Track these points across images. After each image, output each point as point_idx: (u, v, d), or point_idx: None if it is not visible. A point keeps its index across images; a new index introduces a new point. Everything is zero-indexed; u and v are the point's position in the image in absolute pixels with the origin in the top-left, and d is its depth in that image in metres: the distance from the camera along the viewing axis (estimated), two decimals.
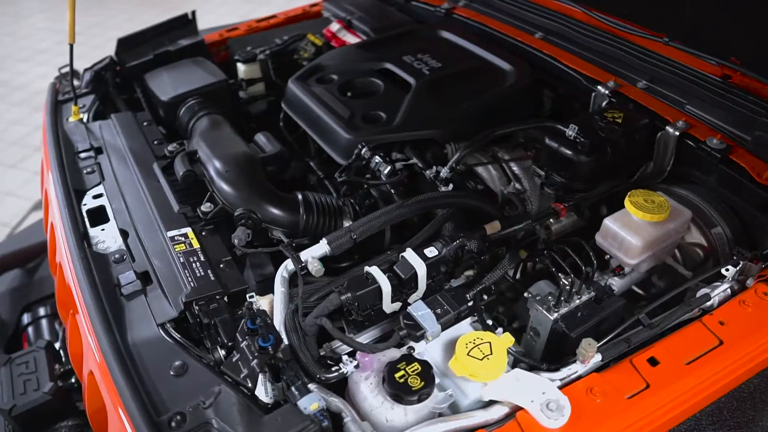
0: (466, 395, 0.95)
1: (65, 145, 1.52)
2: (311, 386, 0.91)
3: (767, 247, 1.19)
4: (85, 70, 1.80)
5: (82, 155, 1.49)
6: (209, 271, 1.11)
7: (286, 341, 0.95)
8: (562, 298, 1.12)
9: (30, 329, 1.78)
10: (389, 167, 1.32)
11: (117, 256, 1.16)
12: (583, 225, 1.42)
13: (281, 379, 0.91)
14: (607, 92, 1.51)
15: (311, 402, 0.85)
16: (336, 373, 0.92)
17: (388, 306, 1.05)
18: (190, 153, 1.39)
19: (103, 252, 1.17)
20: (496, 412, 0.93)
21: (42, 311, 1.81)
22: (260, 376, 0.89)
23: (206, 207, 1.25)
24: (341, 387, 0.96)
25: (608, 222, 1.24)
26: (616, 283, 1.27)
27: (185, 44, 1.99)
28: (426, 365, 0.91)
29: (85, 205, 1.32)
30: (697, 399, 0.94)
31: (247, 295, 1.09)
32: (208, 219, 1.24)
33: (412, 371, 0.90)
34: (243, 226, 1.21)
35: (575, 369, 0.97)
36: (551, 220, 1.34)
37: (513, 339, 0.97)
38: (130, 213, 1.29)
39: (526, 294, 1.17)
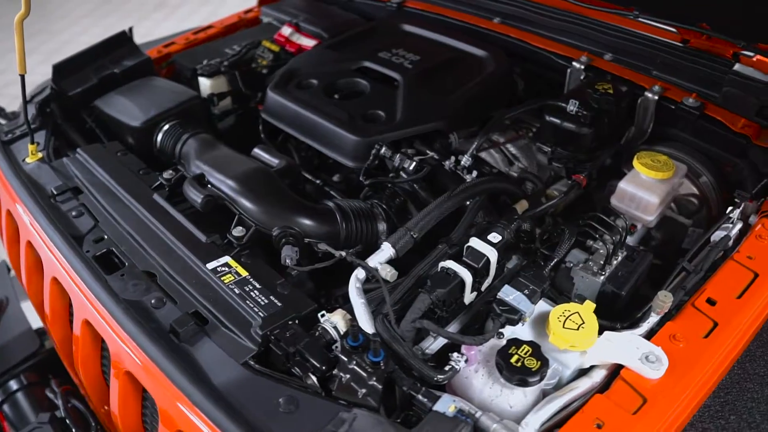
0: (568, 366, 0.99)
1: (33, 190, 1.34)
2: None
3: (754, 186, 1.35)
4: (26, 102, 1.59)
5: (60, 198, 1.31)
6: (271, 297, 1.04)
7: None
8: (601, 262, 1.20)
9: (5, 407, 1.55)
10: (414, 163, 1.32)
11: (154, 301, 1.05)
12: (581, 194, 1.52)
13: (396, 390, 0.89)
14: (582, 67, 1.62)
15: (447, 405, 0.84)
16: (450, 372, 0.92)
17: (468, 297, 1.05)
18: (197, 177, 1.28)
19: (137, 299, 1.05)
20: (598, 376, 0.98)
21: (15, 384, 1.58)
22: None
23: (238, 231, 1.17)
24: None
25: (623, 185, 1.34)
26: (629, 241, 1.37)
27: (131, 64, 1.81)
28: (535, 345, 0.93)
29: (88, 252, 1.17)
30: (756, 326, 1.06)
31: (319, 315, 1.05)
32: (244, 243, 1.16)
33: (525, 353, 0.92)
34: (288, 244, 1.14)
35: (652, 321, 1.04)
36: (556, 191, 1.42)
37: (594, 305, 1.02)
38: (148, 252, 1.17)
39: (567, 264, 1.23)
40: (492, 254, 1.07)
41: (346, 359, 0.90)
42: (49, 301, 1.21)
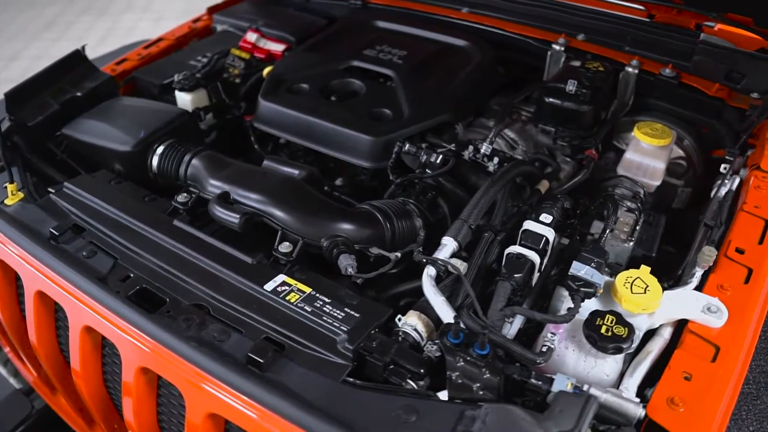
0: (639, 329, 1.04)
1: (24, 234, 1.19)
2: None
3: (733, 143, 1.49)
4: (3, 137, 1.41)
5: (62, 239, 1.18)
6: (346, 309, 1.00)
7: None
8: (626, 229, 1.28)
9: None
10: (440, 156, 1.32)
11: (216, 334, 0.97)
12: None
13: (500, 377, 0.89)
14: (562, 49, 1.70)
15: (564, 383, 0.86)
16: (548, 353, 0.94)
17: (535, 279, 1.08)
18: (223, 197, 1.20)
19: (196, 336, 0.97)
20: (667, 333, 1.04)
21: None
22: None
23: (285, 247, 1.11)
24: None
25: (629, 156, 1.43)
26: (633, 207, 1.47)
27: (94, 85, 1.66)
28: (616, 313, 0.98)
29: (118, 293, 1.07)
30: None
31: (396, 319, 1.03)
32: (294, 259, 1.10)
33: (611, 323, 0.96)
34: (343, 253, 1.11)
35: (698, 276, 1.12)
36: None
37: (649, 268, 1.09)
38: (189, 283, 1.08)
39: (593, 235, 1.30)
40: (550, 234, 1.10)
41: (452, 358, 0.89)
42: (79, 354, 1.08)
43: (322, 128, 1.44)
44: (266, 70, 1.79)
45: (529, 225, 1.11)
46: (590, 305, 1.07)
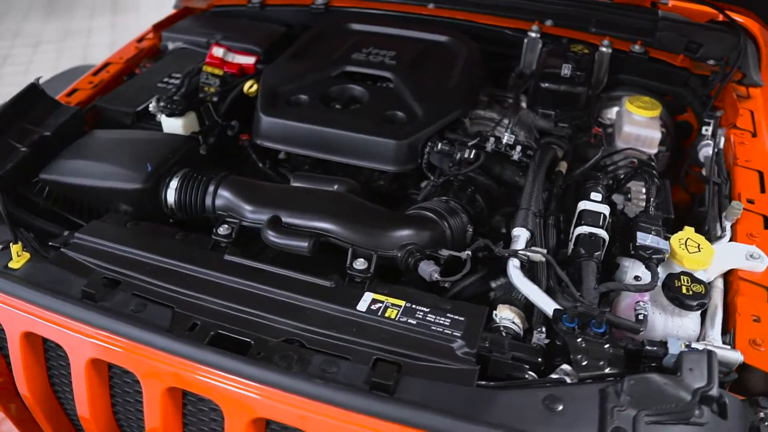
0: None
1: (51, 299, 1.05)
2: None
3: (701, 107, 1.66)
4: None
5: (98, 297, 1.05)
6: (449, 315, 0.99)
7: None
8: (642, 196, 1.39)
9: None
10: (473, 151, 1.34)
11: (324, 367, 0.91)
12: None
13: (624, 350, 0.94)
14: (538, 36, 1.79)
15: (678, 344, 0.92)
16: (645, 321, 0.99)
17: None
18: (274, 222, 1.13)
19: (311, 372, 0.91)
20: (720, 284, 1.15)
21: None
22: None
23: (361, 264, 1.07)
24: None
25: (627, 129, 1.54)
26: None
27: (62, 121, 1.48)
28: (688, 273, 1.06)
29: (204, 342, 0.97)
30: None
31: (493, 314, 1.04)
32: (372, 274, 1.07)
33: (687, 282, 1.04)
34: (422, 260, 1.09)
35: (728, 229, 1.24)
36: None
37: (692, 228, 1.19)
38: (268, 318, 1.01)
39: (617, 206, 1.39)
40: (606, 210, 1.16)
41: (575, 341, 0.92)
42: (161, 418, 0.97)
43: (339, 137, 1.40)
44: (247, 85, 1.70)
45: (585, 205, 1.17)
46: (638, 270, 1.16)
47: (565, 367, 0.91)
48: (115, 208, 1.31)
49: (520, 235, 1.13)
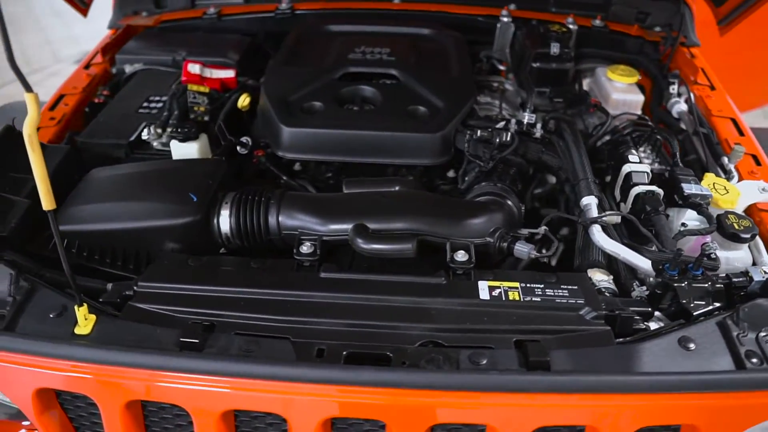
0: None
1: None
2: None
3: (659, 69, 1.86)
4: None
5: (202, 346, 0.96)
6: (563, 286, 1.05)
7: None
8: (649, 151, 1.53)
9: None
10: (509, 133, 1.39)
11: (474, 360, 0.91)
12: None
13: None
14: (510, 20, 1.89)
15: (757, 271, 1.06)
16: (718, 259, 1.12)
17: None
18: (361, 229, 1.10)
19: (455, 372, 0.91)
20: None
21: None
22: None
23: (462, 255, 1.08)
24: None
25: (615, 96, 1.69)
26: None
27: (56, 163, 1.30)
28: (731, 212, 1.21)
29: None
30: None
31: (595, 280, 1.11)
32: (474, 264, 1.09)
33: (736, 219, 1.19)
34: (516, 241, 1.13)
35: (734, 169, 1.42)
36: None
37: (712, 174, 1.35)
38: (394, 328, 0.99)
39: None
40: (648, 168, 1.28)
41: (682, 285, 1.02)
42: None
43: (371, 138, 1.39)
44: (241, 98, 1.62)
45: (630, 167, 1.28)
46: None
47: (657, 314, 1.00)
48: (155, 248, 1.19)
49: (591, 203, 1.21)
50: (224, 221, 1.19)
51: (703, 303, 1.02)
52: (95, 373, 0.92)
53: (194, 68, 1.71)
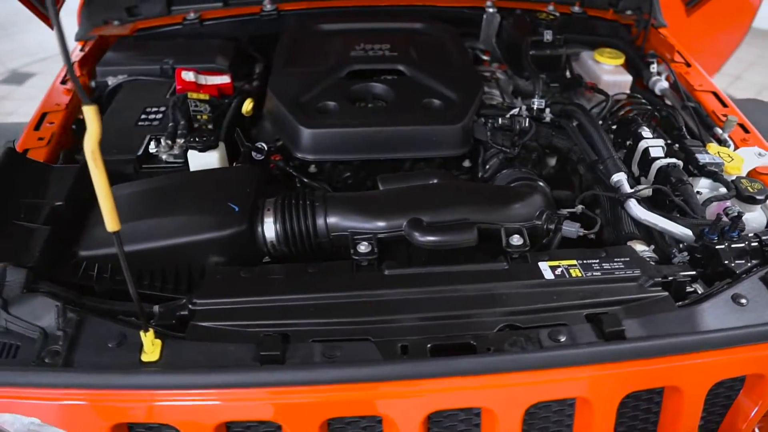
0: None
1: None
2: None
3: (636, 51, 1.97)
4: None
5: (284, 357, 0.93)
6: (614, 258, 1.09)
7: None
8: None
9: None
10: (527, 119, 1.43)
11: (554, 337, 0.93)
12: None
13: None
14: (495, 10, 1.93)
15: None
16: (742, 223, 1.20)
17: None
18: (416, 222, 1.10)
19: (547, 347, 0.94)
20: None
21: None
22: None
23: (517, 239, 1.11)
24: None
25: (606, 77, 1.77)
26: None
27: (70, 185, 1.22)
28: (743, 177, 1.30)
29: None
30: None
31: (637, 251, 1.16)
32: (530, 246, 1.12)
33: (749, 183, 1.28)
34: (564, 221, 1.16)
35: (728, 138, 1.53)
36: None
37: (715, 143, 1.44)
38: (466, 315, 1.00)
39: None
40: (662, 143, 1.36)
41: (724, 246, 1.09)
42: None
43: (394, 134, 1.39)
44: (246, 104, 1.57)
45: (646, 143, 1.35)
46: None
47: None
48: (196, 263, 1.14)
49: (622, 179, 1.27)
50: (269, 228, 1.16)
51: (743, 261, 1.10)
52: (179, 399, 0.87)
53: (188, 76, 1.64)
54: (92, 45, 1.85)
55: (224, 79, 1.69)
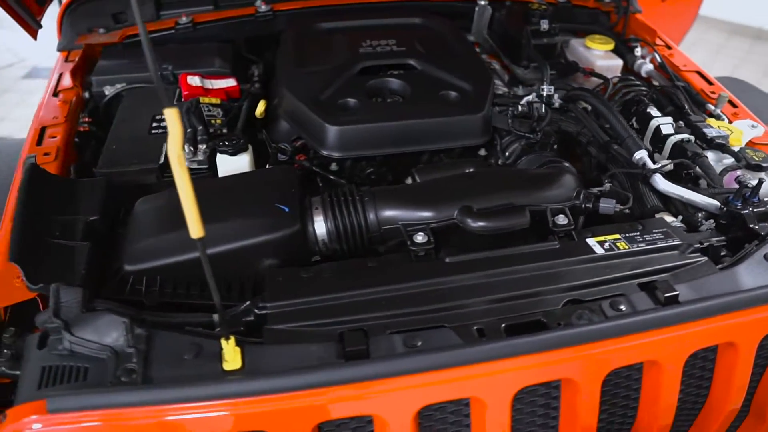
0: None
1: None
2: None
3: (616, 36, 2.07)
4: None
5: (367, 352, 0.94)
6: (652, 230, 1.15)
7: None
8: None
9: None
10: (543, 106, 1.48)
11: (616, 307, 0.99)
12: None
13: None
14: (487, 3, 1.98)
15: None
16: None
17: None
18: (470, 209, 1.13)
19: (611, 317, 0.99)
20: None
21: None
22: None
23: (562, 219, 1.15)
24: None
25: (600, 63, 1.86)
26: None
27: (101, 198, 1.18)
28: (747, 147, 1.40)
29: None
30: None
31: (669, 221, 1.23)
32: (574, 225, 1.17)
33: (754, 152, 1.38)
34: (602, 198, 1.22)
35: (720, 112, 1.64)
36: None
37: (711, 117, 1.54)
38: (530, 294, 1.04)
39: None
40: (671, 120, 1.45)
41: (747, 211, 1.17)
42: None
43: (420, 127, 1.41)
44: (260, 106, 1.56)
45: (656, 122, 1.43)
46: None
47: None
48: (250, 268, 1.12)
49: (644, 155, 1.33)
50: (320, 227, 1.15)
51: (766, 224, 1.19)
52: (273, 404, 0.86)
53: (194, 80, 1.61)
54: (81, 54, 1.77)
55: (230, 83, 1.67)
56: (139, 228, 1.15)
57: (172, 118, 0.76)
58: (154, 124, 1.49)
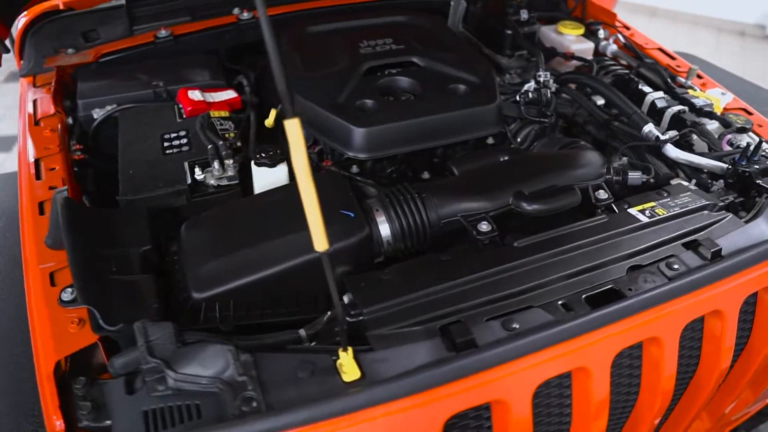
0: None
1: None
2: None
3: (581, 20, 2.21)
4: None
5: (474, 342, 0.97)
6: (681, 195, 1.26)
7: None
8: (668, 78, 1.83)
9: None
10: (549, 91, 1.56)
11: (673, 267, 1.08)
12: None
13: None
14: None
15: None
16: None
17: None
18: (523, 193, 1.18)
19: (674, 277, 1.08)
20: None
21: None
22: None
23: (603, 194, 1.23)
24: None
25: (575, 46, 1.97)
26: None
27: (146, 228, 1.11)
28: (747, 121, 1.56)
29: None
30: None
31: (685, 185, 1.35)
32: (613, 198, 1.26)
33: (736, 116, 1.54)
34: (629, 171, 1.31)
35: (691, 84, 1.80)
36: None
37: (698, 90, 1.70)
38: (597, 266, 1.10)
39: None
40: (662, 94, 1.58)
41: (754, 170, 1.31)
42: None
43: (442, 121, 1.43)
44: (271, 115, 1.53)
45: (651, 96, 1.56)
46: None
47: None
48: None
49: (651, 128, 1.45)
50: (384, 228, 1.16)
51: None
52: (403, 406, 0.86)
53: (195, 95, 1.55)
54: (56, 78, 1.63)
55: (231, 94, 1.62)
56: (195, 253, 1.10)
57: (294, 128, 0.75)
58: (166, 144, 1.41)
